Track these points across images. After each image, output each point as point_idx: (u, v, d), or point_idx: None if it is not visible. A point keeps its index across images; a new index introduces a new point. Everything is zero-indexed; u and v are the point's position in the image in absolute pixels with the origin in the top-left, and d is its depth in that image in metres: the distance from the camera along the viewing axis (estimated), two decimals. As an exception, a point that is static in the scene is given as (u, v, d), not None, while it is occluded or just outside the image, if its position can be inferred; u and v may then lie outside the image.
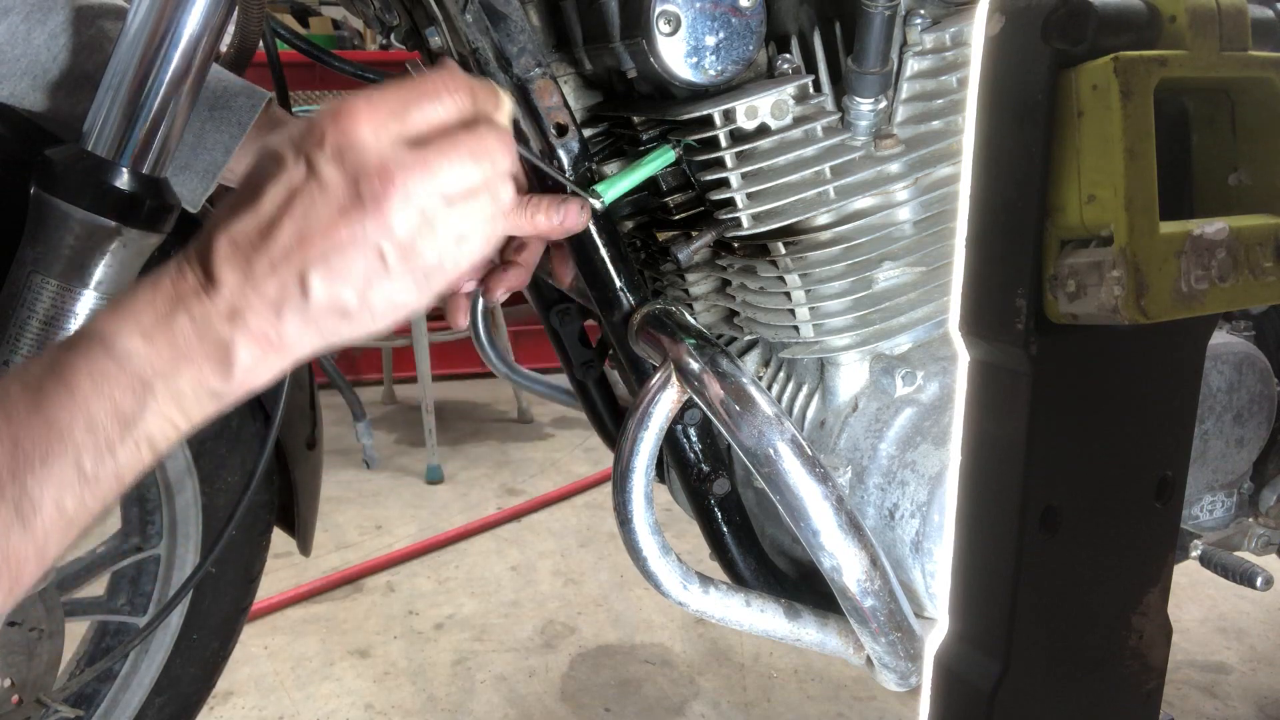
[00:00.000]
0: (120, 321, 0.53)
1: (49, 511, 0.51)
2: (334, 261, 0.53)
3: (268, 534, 1.14)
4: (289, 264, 0.53)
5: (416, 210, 0.54)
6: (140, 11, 0.68)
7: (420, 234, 0.54)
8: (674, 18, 0.74)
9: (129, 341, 0.52)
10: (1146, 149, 0.58)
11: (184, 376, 0.53)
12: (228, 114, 0.80)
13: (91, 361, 0.52)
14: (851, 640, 0.83)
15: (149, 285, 0.54)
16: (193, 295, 0.53)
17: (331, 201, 0.53)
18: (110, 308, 0.54)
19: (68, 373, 0.51)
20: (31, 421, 0.50)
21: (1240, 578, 0.97)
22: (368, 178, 0.53)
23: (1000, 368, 0.66)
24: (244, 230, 0.53)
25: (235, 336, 0.53)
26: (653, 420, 0.77)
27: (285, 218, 0.53)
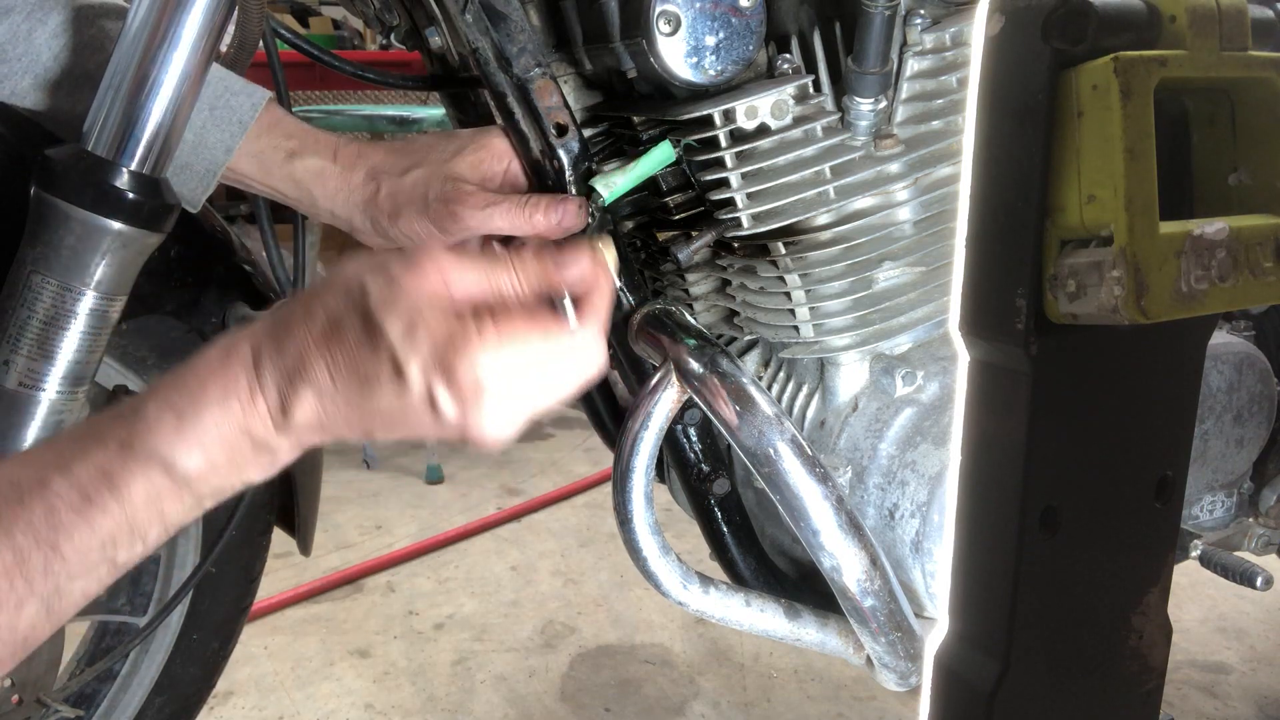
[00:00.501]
0: (187, 445, 0.53)
1: (75, 600, 0.53)
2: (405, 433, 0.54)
3: (268, 534, 1.14)
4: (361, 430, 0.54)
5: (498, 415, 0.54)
6: (140, 11, 0.68)
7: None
8: (674, 18, 0.74)
9: (189, 463, 0.53)
10: (1146, 149, 0.58)
11: (232, 482, 0.55)
12: (228, 113, 0.80)
13: (151, 482, 0.52)
14: (851, 640, 0.83)
15: (217, 404, 0.53)
16: (262, 425, 0.54)
17: (426, 419, 0.53)
18: (175, 421, 0.53)
19: (123, 486, 0.52)
20: (76, 525, 0.51)
21: (1240, 578, 0.97)
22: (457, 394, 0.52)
23: (1000, 368, 0.66)
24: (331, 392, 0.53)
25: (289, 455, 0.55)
26: (653, 420, 0.77)
27: (375, 406, 0.53)
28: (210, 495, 0.55)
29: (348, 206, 0.82)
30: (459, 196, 0.78)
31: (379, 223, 0.81)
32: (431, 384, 0.51)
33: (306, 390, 0.53)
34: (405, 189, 0.80)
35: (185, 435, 0.53)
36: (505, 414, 0.53)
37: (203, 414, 0.53)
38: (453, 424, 0.53)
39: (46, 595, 0.51)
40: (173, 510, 0.53)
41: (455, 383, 0.51)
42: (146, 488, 0.52)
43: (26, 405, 0.72)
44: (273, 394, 0.53)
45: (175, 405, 0.53)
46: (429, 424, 0.53)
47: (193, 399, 0.53)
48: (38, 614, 0.51)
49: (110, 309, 0.73)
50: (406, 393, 0.52)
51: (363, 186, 0.81)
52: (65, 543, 0.51)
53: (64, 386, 0.72)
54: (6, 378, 0.71)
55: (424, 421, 0.53)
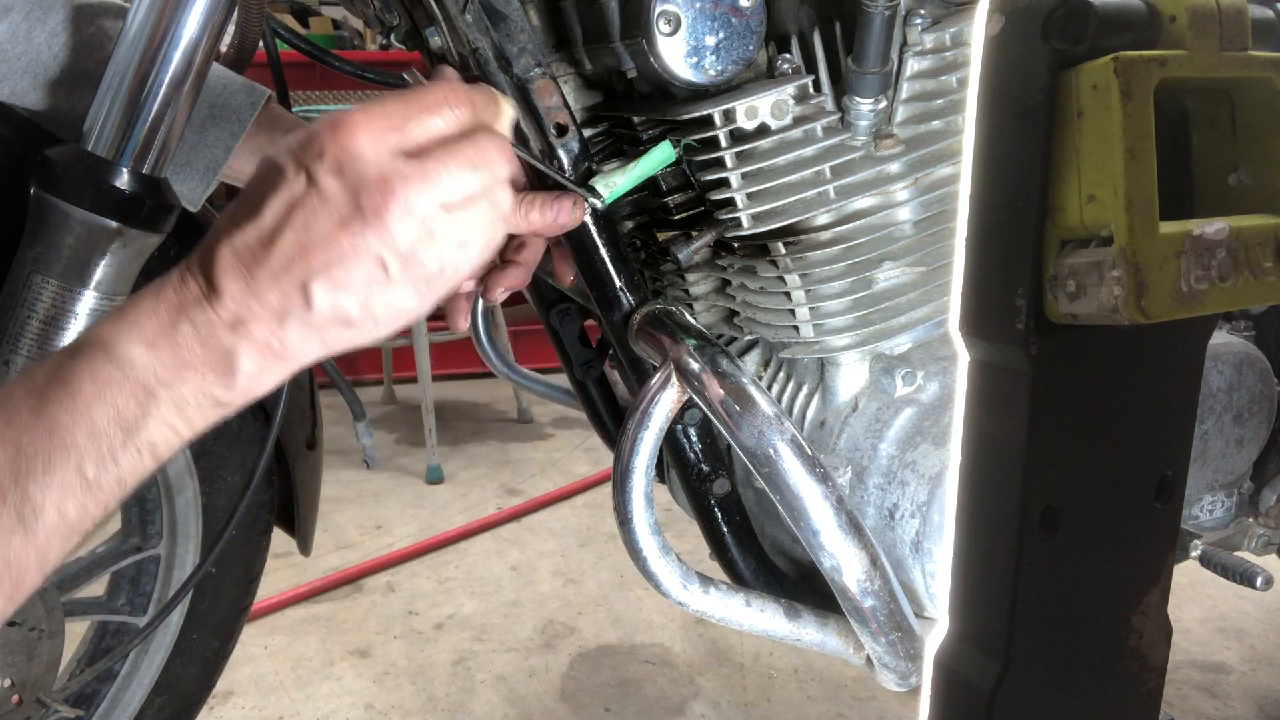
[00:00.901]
0: (123, 329, 0.53)
1: (51, 517, 0.51)
2: (336, 271, 0.54)
3: (268, 534, 1.14)
4: (291, 274, 0.53)
5: (417, 219, 0.54)
6: (140, 11, 0.68)
7: (421, 242, 0.55)
8: (674, 18, 0.74)
9: (132, 349, 0.53)
10: (1146, 149, 0.58)
11: (187, 384, 0.54)
12: (228, 112, 0.80)
13: (94, 368, 0.52)
14: (851, 640, 0.83)
15: (151, 294, 0.54)
16: (195, 304, 0.53)
17: (332, 213, 0.53)
18: (113, 315, 0.54)
19: (71, 379, 0.52)
20: (34, 427, 0.51)
21: (1240, 578, 0.97)
22: (368, 189, 0.53)
23: (1000, 368, 0.66)
24: (246, 240, 0.54)
25: (238, 345, 0.54)
26: (653, 420, 0.77)
27: (287, 228, 0.53)
28: (171, 401, 0.54)
29: None
30: None
31: (377, 221, 0.81)
32: (357, 191, 0.53)
33: (222, 249, 0.53)
34: None
35: (123, 320, 0.53)
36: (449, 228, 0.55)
37: (138, 302, 0.54)
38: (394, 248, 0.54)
39: (17, 503, 0.50)
40: (128, 408, 0.52)
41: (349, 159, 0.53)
42: (93, 377, 0.52)
43: (26, 405, 0.72)
44: (197, 271, 0.54)
45: (119, 309, 0.54)
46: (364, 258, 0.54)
47: (133, 299, 0.54)
48: (11, 524, 0.50)
49: (110, 309, 0.73)
50: (327, 208, 0.53)
51: None
52: (27, 442, 0.50)
53: (64, 386, 0.72)
54: (6, 378, 0.71)
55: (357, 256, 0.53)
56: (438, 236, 0.55)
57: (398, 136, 0.55)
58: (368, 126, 0.54)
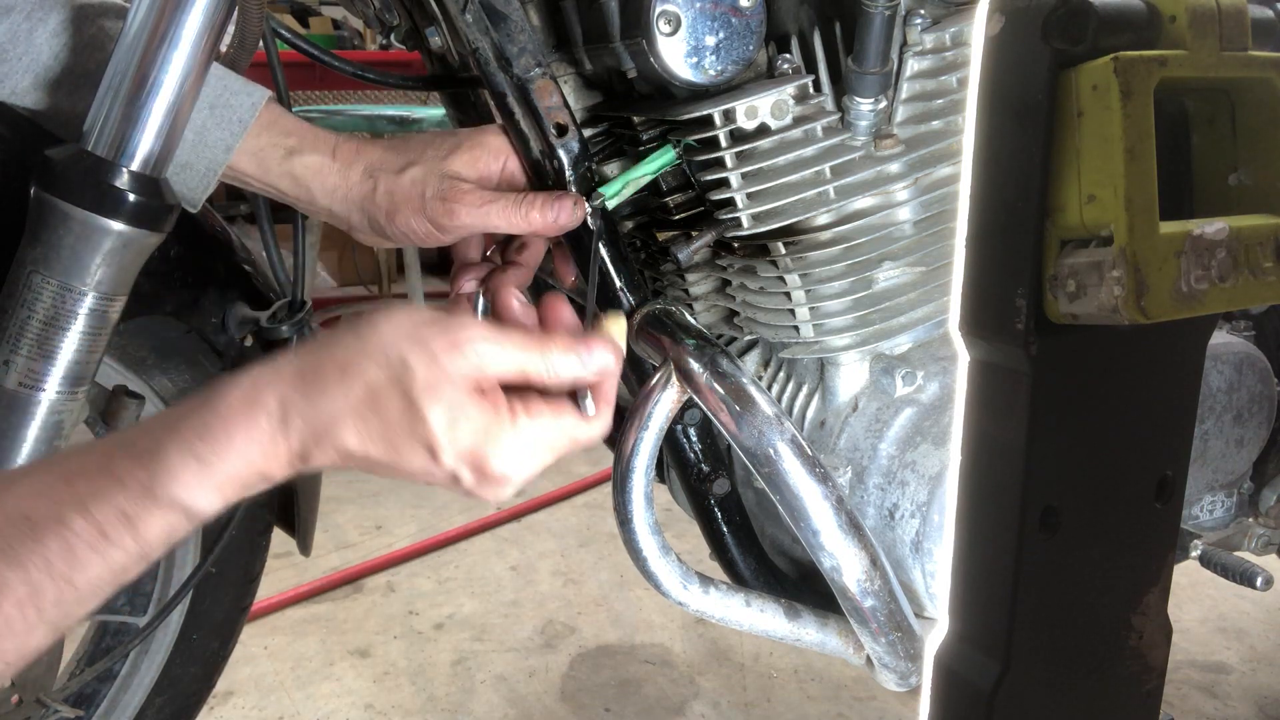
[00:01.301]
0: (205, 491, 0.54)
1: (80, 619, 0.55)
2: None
3: (268, 534, 1.14)
4: (373, 472, 0.58)
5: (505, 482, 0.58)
6: (140, 11, 0.68)
7: None
8: (674, 18, 0.74)
9: (207, 505, 0.55)
10: (1146, 149, 0.58)
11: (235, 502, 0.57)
12: (228, 112, 0.80)
13: (168, 523, 0.54)
14: (851, 640, 0.83)
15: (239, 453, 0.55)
16: (278, 467, 0.56)
17: (443, 485, 0.57)
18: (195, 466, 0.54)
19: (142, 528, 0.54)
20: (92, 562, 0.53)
21: (1240, 578, 0.97)
22: (480, 478, 0.56)
23: (1000, 368, 0.66)
24: (358, 453, 0.56)
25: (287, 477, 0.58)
26: (653, 420, 0.77)
27: (397, 470, 0.56)
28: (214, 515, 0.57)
29: (346, 204, 0.82)
30: (455, 194, 0.78)
31: (376, 220, 0.81)
32: (460, 469, 0.55)
33: (331, 449, 0.56)
34: (403, 186, 0.80)
35: (206, 483, 0.54)
36: (516, 487, 0.58)
37: (225, 462, 0.55)
38: (466, 492, 0.57)
39: (55, 621, 0.53)
40: (181, 536, 0.56)
41: (483, 471, 0.56)
42: (164, 527, 0.54)
43: (26, 405, 0.72)
44: (296, 444, 0.55)
45: (197, 453, 0.54)
46: (443, 486, 0.57)
47: (215, 448, 0.54)
48: (45, 637, 0.53)
49: (110, 309, 0.73)
50: (433, 469, 0.56)
51: (360, 183, 0.81)
52: (79, 576, 0.52)
53: (64, 387, 0.72)
54: (6, 378, 0.71)
55: (439, 484, 0.57)
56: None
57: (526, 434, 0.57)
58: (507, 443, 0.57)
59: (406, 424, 0.54)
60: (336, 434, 0.55)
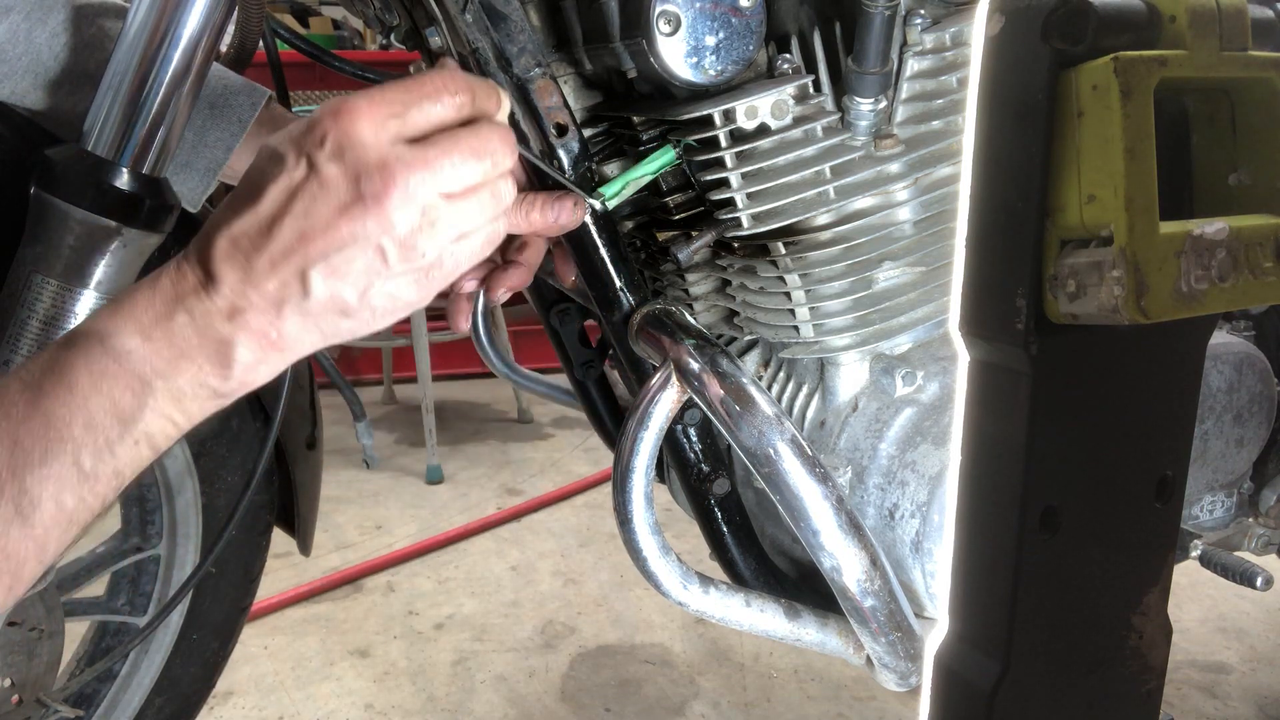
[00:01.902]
0: (119, 320, 0.53)
1: (49, 509, 0.51)
2: (334, 259, 0.53)
3: (268, 534, 1.14)
4: (289, 262, 0.53)
5: (418, 207, 0.54)
6: (140, 11, 0.68)
7: (421, 231, 0.54)
8: (674, 18, 0.74)
9: (128, 340, 0.52)
10: (1146, 149, 0.58)
11: (183, 375, 0.53)
12: (228, 112, 0.80)
13: (90, 360, 0.52)
14: (851, 640, 0.83)
15: (148, 284, 0.54)
16: (192, 294, 0.53)
17: (332, 199, 0.53)
18: (109, 306, 0.54)
19: (66, 371, 0.51)
20: (31, 419, 0.50)
21: (1240, 578, 0.97)
22: (368, 175, 0.52)
23: (1000, 368, 0.66)
24: (244, 228, 0.53)
25: (235, 334, 0.53)
26: (653, 420, 0.77)
27: (286, 215, 0.53)
28: (167, 392, 0.53)
29: None
30: None
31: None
32: (355, 173, 0.52)
33: (220, 238, 0.53)
34: None
35: (119, 311, 0.53)
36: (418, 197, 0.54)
37: (135, 293, 0.53)
38: (394, 234, 0.53)
39: (14, 495, 0.50)
40: (124, 399, 0.52)
41: (350, 144, 0.52)
42: (88, 369, 0.51)
43: (26, 405, 0.72)
44: (194, 260, 0.53)
45: (115, 300, 0.54)
46: (359, 237, 0.53)
47: (130, 289, 0.54)
48: (9, 516, 0.50)
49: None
50: (324, 193, 0.52)
51: None
52: (24, 435, 0.50)
53: (64, 386, 0.72)
54: (6, 377, 0.71)
55: (353, 236, 0.53)
56: (438, 226, 0.55)
57: (399, 123, 0.54)
58: (369, 112, 0.53)
59: (314, 183, 0.52)
60: (217, 224, 0.53)
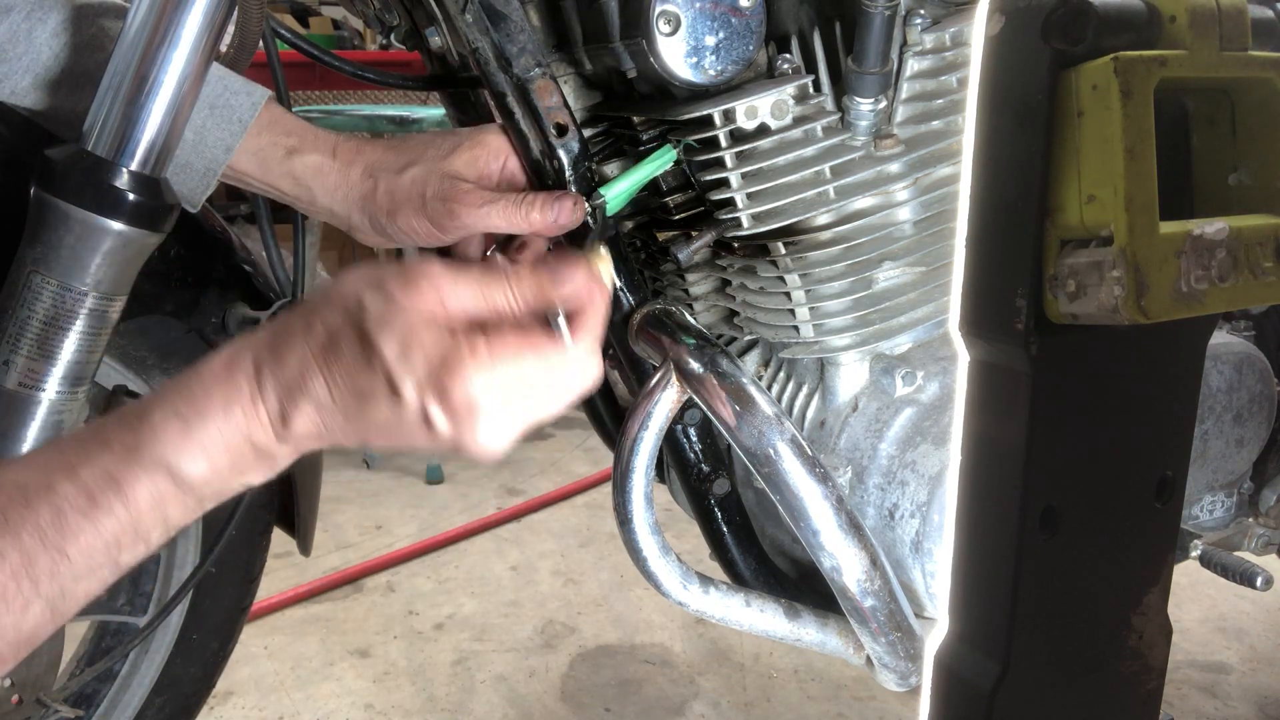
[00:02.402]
0: (189, 451, 0.54)
1: (79, 599, 0.54)
2: (394, 443, 0.55)
3: (268, 534, 1.14)
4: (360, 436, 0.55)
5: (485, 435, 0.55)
6: (140, 11, 0.68)
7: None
8: (674, 18, 0.74)
9: (193, 469, 0.54)
10: (1146, 149, 0.58)
11: (233, 485, 0.56)
12: (228, 112, 0.80)
13: (154, 485, 0.53)
14: (851, 640, 0.83)
15: (221, 411, 0.54)
16: (263, 433, 0.55)
17: (420, 433, 0.54)
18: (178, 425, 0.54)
19: (128, 490, 0.53)
20: (82, 528, 0.52)
21: (1240, 578, 0.97)
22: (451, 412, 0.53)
23: (1000, 368, 0.66)
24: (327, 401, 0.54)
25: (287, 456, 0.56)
26: (653, 420, 0.77)
27: (371, 420, 0.54)
28: (211, 497, 0.56)
29: (346, 203, 0.82)
30: (456, 194, 0.78)
31: (377, 220, 0.81)
32: (425, 402, 0.53)
33: (305, 402, 0.54)
34: (403, 186, 0.80)
35: (190, 441, 0.54)
36: (498, 429, 0.54)
37: (207, 421, 0.54)
38: (447, 439, 0.54)
39: (51, 596, 0.52)
40: (175, 512, 0.55)
41: (449, 401, 0.52)
42: (151, 492, 0.53)
43: (26, 405, 0.72)
44: (273, 404, 0.54)
45: (180, 413, 0.54)
46: (423, 437, 0.54)
47: (197, 407, 0.54)
48: (42, 614, 0.52)
49: (110, 309, 0.73)
50: (401, 409, 0.53)
51: (360, 183, 0.81)
52: (71, 545, 0.52)
53: (64, 387, 0.72)
54: (6, 378, 0.71)
55: (418, 435, 0.54)
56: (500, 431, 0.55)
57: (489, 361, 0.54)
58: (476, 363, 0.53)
59: (364, 361, 0.53)
60: (305, 385, 0.54)
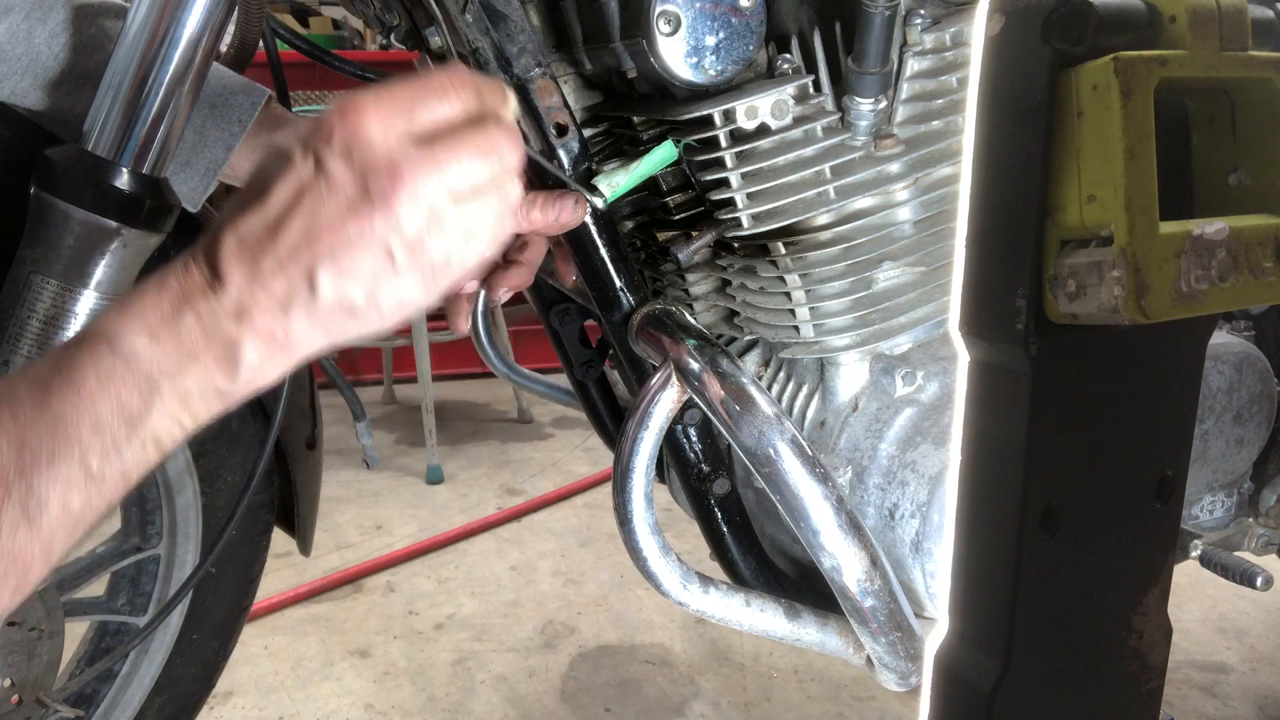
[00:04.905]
0: (126, 320, 0.52)
1: (55, 510, 0.51)
2: (342, 259, 0.53)
3: (268, 534, 1.14)
4: (296, 261, 0.53)
5: (425, 207, 0.53)
6: (140, 11, 0.68)
7: (428, 231, 0.54)
8: (674, 18, 0.74)
9: (135, 340, 0.52)
10: (1146, 149, 0.58)
11: (190, 375, 0.53)
12: (228, 112, 0.80)
13: (98, 360, 0.52)
14: (851, 640, 0.83)
15: (155, 284, 0.53)
16: (199, 293, 0.53)
17: (339, 198, 0.52)
18: (116, 306, 0.53)
19: (74, 372, 0.51)
20: (38, 420, 0.50)
21: (1240, 578, 0.97)
22: (376, 174, 0.52)
23: (1000, 368, 0.66)
24: (251, 228, 0.53)
25: (242, 335, 0.53)
26: (653, 420, 0.77)
27: (293, 215, 0.53)
28: (174, 393, 0.53)
29: None
30: None
31: (377, 219, 0.81)
32: (370, 182, 0.52)
33: (227, 237, 0.53)
34: None
35: (126, 311, 0.52)
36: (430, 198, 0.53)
37: (142, 292, 0.53)
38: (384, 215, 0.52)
39: (21, 497, 0.50)
40: (131, 400, 0.52)
41: (359, 145, 0.52)
42: (96, 370, 0.51)
43: (26, 405, 0.72)
44: (201, 259, 0.53)
45: (123, 300, 0.53)
46: (365, 224, 0.53)
47: (137, 289, 0.54)
48: (16, 517, 0.50)
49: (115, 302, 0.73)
50: (333, 187, 0.52)
51: None
52: (31, 436, 0.50)
53: (64, 386, 0.72)
54: (6, 377, 0.71)
55: (363, 229, 0.52)
56: (445, 226, 0.54)
57: (407, 121, 0.54)
58: (377, 110, 0.53)
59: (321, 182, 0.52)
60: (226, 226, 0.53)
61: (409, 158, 0.53)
